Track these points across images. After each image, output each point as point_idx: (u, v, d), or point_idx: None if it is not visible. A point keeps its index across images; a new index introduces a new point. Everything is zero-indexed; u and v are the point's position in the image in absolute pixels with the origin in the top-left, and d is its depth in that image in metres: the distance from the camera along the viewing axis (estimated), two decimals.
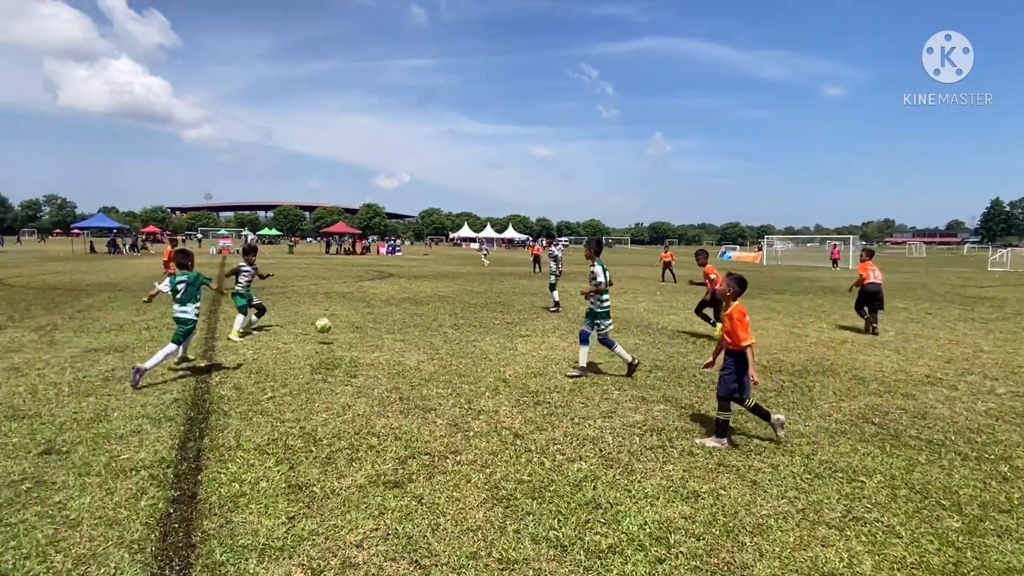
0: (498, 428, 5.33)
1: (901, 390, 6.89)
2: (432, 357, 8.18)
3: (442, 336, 9.88)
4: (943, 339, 10.42)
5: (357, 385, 6.64)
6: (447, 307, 13.77)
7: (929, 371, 7.87)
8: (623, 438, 5.15)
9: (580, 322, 11.72)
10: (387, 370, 7.37)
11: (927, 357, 8.79)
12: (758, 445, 5.02)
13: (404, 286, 19.03)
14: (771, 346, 9.56)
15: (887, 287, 22.05)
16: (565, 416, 5.70)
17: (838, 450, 4.96)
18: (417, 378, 7.00)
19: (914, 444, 5.12)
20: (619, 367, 7.79)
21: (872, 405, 6.26)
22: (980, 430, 5.50)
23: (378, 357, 8.09)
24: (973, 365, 8.28)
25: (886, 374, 7.68)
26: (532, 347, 9.08)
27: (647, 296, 17.67)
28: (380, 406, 5.89)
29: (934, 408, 6.18)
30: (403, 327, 10.69)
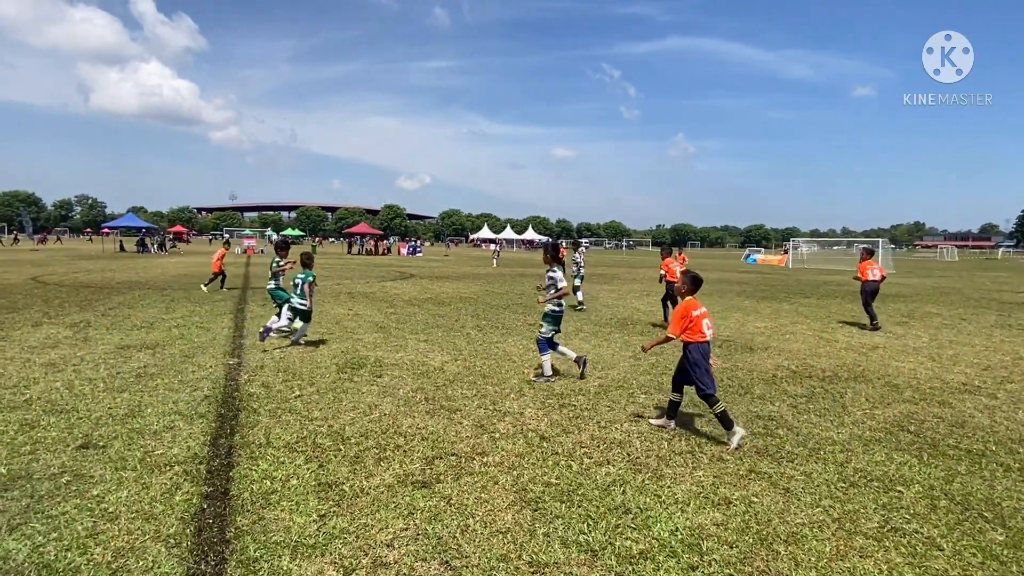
0: (524, 430, 5.32)
1: (937, 398, 6.72)
2: (456, 358, 8.20)
3: (465, 337, 9.90)
4: (979, 346, 10.14)
5: (383, 385, 6.69)
6: (469, 308, 13.80)
7: (966, 379, 7.67)
8: (651, 442, 5.11)
9: (605, 325, 11.65)
10: (412, 370, 7.42)
11: (963, 364, 8.56)
12: (790, 452, 4.93)
13: (426, 287, 19.14)
14: (800, 351, 9.40)
15: (919, 291, 21.61)
16: (591, 419, 5.67)
17: (873, 458, 4.85)
18: (441, 379, 7.03)
19: (953, 454, 4.99)
20: (644, 370, 7.73)
21: (907, 413, 6.12)
22: (1021, 439, 5.34)
23: (403, 357, 8.14)
24: (1012, 373, 8.05)
25: (921, 381, 7.50)
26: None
27: None
28: (406, 406, 5.92)
29: (973, 417, 6.02)
30: (426, 327, 10.73)
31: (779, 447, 5.07)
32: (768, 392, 6.85)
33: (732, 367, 8.14)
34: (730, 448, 4.96)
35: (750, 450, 4.98)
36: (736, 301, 17.25)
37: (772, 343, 10.07)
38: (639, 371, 7.75)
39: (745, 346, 9.75)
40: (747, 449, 5.00)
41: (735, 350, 9.40)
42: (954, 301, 18.27)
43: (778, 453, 4.94)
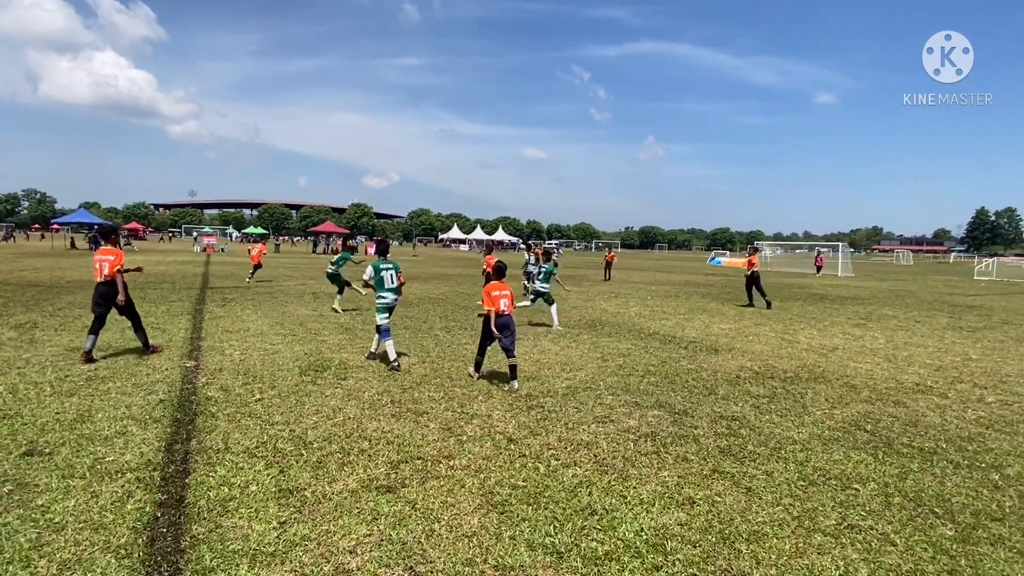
0: (491, 432, 5.32)
1: (892, 398, 6.98)
2: (423, 360, 8.17)
3: (433, 338, 9.85)
4: (932, 347, 10.58)
5: (347, 388, 6.60)
6: (437, 309, 13.75)
7: (919, 379, 7.99)
8: (617, 443, 5.17)
9: (574, 326, 11.73)
10: (378, 372, 7.34)
11: (917, 365, 8.92)
12: (752, 452, 5.05)
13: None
14: (763, 352, 9.65)
15: (876, 294, 22.42)
16: (559, 421, 5.70)
17: (832, 457, 5.01)
18: (408, 381, 6.98)
19: (906, 452, 5.19)
20: (612, 371, 7.82)
21: (864, 412, 6.34)
22: (971, 438, 5.59)
23: (368, 360, 8.04)
24: (962, 373, 8.42)
25: (877, 382, 7.79)
26: (524, 351, 9.09)
27: (638, 301, 17.75)
28: (371, 409, 5.85)
29: (925, 416, 6.27)
30: (393, 329, 10.64)
31: (742, 447, 5.19)
32: (732, 393, 7.01)
33: (697, 368, 8.30)
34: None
35: (714, 450, 5.08)
36: (702, 303, 17.60)
37: (736, 344, 10.31)
38: (607, 372, 7.83)
39: (710, 347, 9.96)
40: (711, 449, 5.10)
41: (700, 351, 9.59)
42: (909, 304, 19.02)
43: (741, 453, 5.05)
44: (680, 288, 23.76)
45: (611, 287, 22.90)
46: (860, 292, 24.05)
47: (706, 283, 27.35)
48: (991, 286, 30.97)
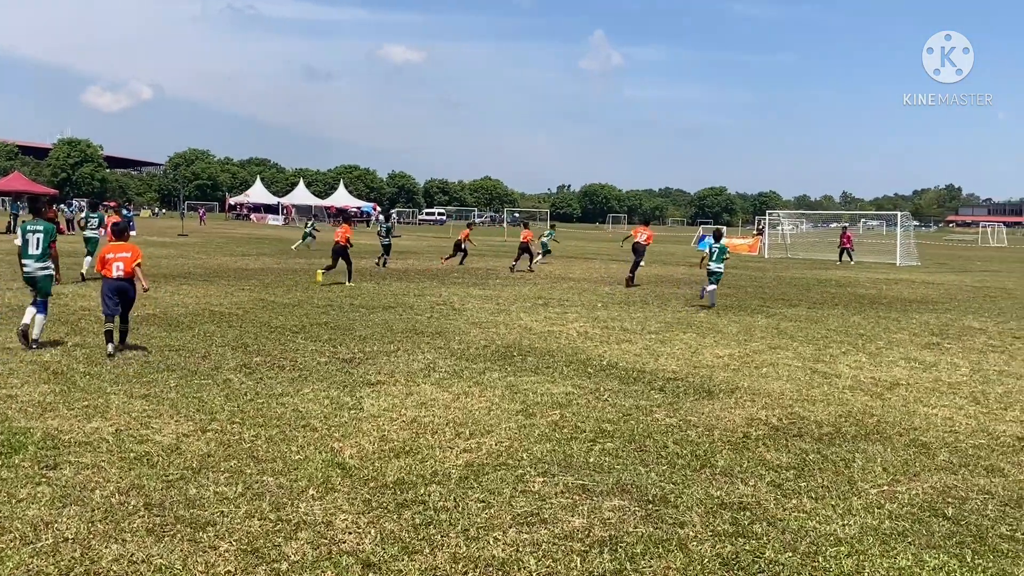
0: (332, 554, 5.22)
1: (984, 461, 7.57)
2: (204, 426, 7.94)
3: (222, 386, 9.62)
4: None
5: (63, 483, 6.30)
6: (229, 332, 13.44)
7: (1022, 429, 8.74)
8: (555, 560, 5.22)
9: (476, 357, 11.80)
10: (119, 453, 7.07)
11: (1018, 408, 9.75)
12: (772, 562, 5.29)
13: (145, 295, 18.16)
14: (784, 394, 10.15)
15: (954, 294, 24.34)
16: (452, 526, 5.69)
17: (895, 563, 5.34)
18: (178, 467, 6.77)
19: (1007, 549, 5.63)
20: (543, 434, 7.92)
21: (942, 487, 6.81)
22: None
23: (100, 428, 7.75)
24: None
25: (960, 436, 8.41)
26: (390, 403, 9.03)
27: (581, 309, 18.17)
28: (109, 521, 5.60)
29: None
30: (146, 370, 10.31)
31: (756, 553, 5.41)
32: (737, 463, 7.29)
33: (681, 424, 8.58)
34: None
35: (712, 562, 5.27)
36: (685, 314, 18.28)
37: (741, 382, 10.77)
38: (533, 436, 7.92)
39: (700, 388, 10.33)
40: (707, 561, 5.29)
41: (685, 395, 9.91)
42: (1004, 310, 20.76)
43: (755, 564, 5.27)
44: (649, 289, 24.56)
45: (537, 288, 23.26)
46: (930, 292, 26.01)
47: (691, 279, 28.48)
48: None
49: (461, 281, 24.78)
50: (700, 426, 8.53)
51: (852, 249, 43.52)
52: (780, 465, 7.30)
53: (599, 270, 32.22)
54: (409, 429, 8.09)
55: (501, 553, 5.31)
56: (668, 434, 8.18)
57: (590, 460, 7.27)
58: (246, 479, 6.51)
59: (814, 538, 5.71)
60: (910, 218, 59.02)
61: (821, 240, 59.46)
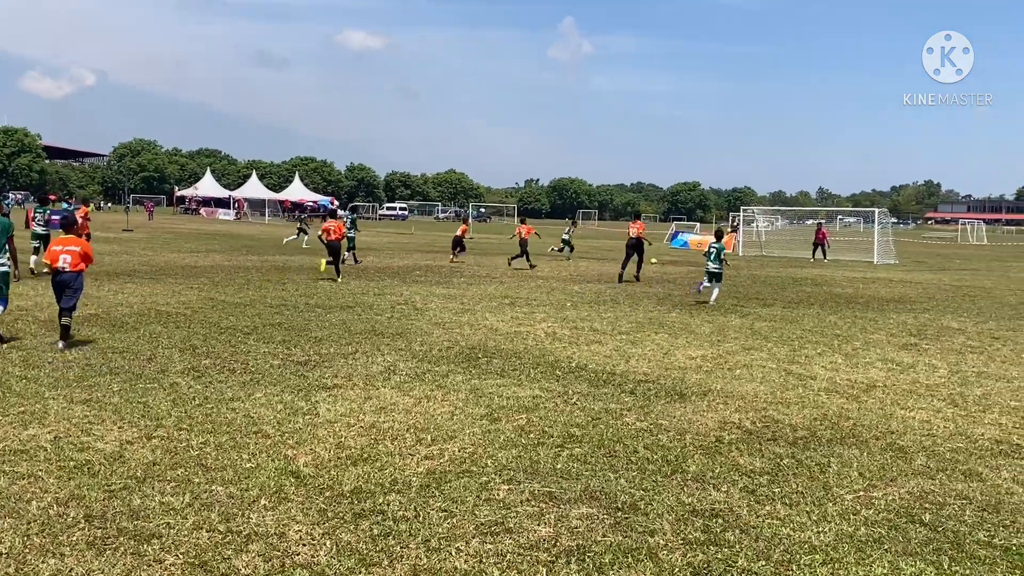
0: (286, 567, 5.18)
1: (961, 466, 7.69)
2: (149, 433, 7.87)
3: (168, 390, 9.54)
4: (1019, 379, 11.85)
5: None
6: (177, 334, 13.34)
7: (1001, 433, 8.88)
8: (520, 572, 5.22)
9: (439, 359, 11.79)
10: (57, 461, 7.00)
11: (997, 410, 9.92)
12: (745, 570, 5.34)
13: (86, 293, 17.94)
14: (758, 396, 10.25)
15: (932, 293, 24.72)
16: (413, 537, 5.67)
17: (872, 571, 5.41)
18: (121, 476, 6.70)
19: (985, 556, 5.71)
20: (509, 440, 7.93)
21: (919, 492, 6.91)
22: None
23: (37, 436, 7.67)
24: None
25: (938, 439, 8.54)
26: (348, 408, 9.01)
27: (550, 308, 18.23)
28: (47, 534, 5.53)
29: (1011, 493, 6.96)
30: (88, 374, 10.21)
31: (728, 562, 5.45)
32: (710, 468, 7.35)
33: (652, 428, 8.63)
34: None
35: (683, 571, 5.30)
36: (657, 313, 18.39)
37: (714, 384, 10.87)
38: (498, 442, 7.92)
39: (672, 390, 10.41)
40: (679, 569, 5.31)
41: (656, 398, 9.98)
42: (983, 310, 21.10)
43: (727, 574, 5.30)
44: (620, 286, 24.65)
45: (504, 286, 23.27)
46: (908, 291, 26.37)
47: (664, 277, 28.68)
48: None
49: (424, 280, 24.74)
50: (672, 430, 8.58)
51: (828, 246, 44.02)
52: (753, 470, 7.37)
53: (568, 268, 32.29)
54: (367, 435, 8.05)
55: (464, 565, 5.30)
56: (639, 439, 8.22)
57: (557, 466, 7.29)
58: (194, 488, 6.44)
59: (788, 546, 5.76)
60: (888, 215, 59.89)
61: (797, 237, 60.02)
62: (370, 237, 55.59)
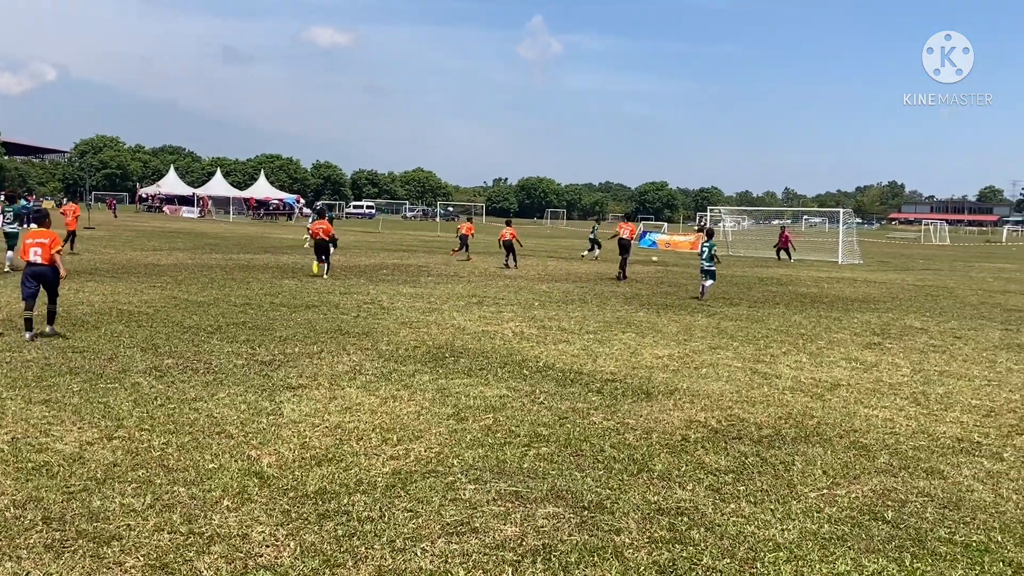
0: (248, 568, 5.16)
1: (923, 463, 7.80)
2: (110, 434, 7.79)
3: (130, 390, 9.46)
4: (979, 378, 12.04)
5: None
6: (139, 333, 13.23)
7: (962, 431, 9.03)
8: (485, 572, 5.22)
9: (405, 359, 11.76)
10: (15, 463, 6.93)
11: (958, 408, 10.07)
12: (710, 568, 5.37)
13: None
14: (724, 395, 10.33)
15: (896, 293, 25.04)
16: (378, 537, 5.66)
17: (835, 569, 5.47)
18: (80, 477, 6.63)
19: (946, 552, 5.80)
20: (476, 439, 7.93)
21: (882, 490, 7.01)
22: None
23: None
24: (1023, 419, 9.64)
25: (900, 438, 8.66)
26: (312, 408, 8.97)
27: (517, 308, 18.26)
28: (3, 537, 5.47)
29: (972, 491, 7.08)
30: (47, 373, 10.10)
31: (693, 560, 5.48)
32: (676, 467, 7.40)
33: (619, 427, 8.67)
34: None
35: (648, 570, 5.32)
36: (624, 312, 18.46)
37: (680, 383, 10.94)
38: (465, 442, 7.93)
39: (639, 389, 10.46)
40: (644, 568, 5.34)
41: (623, 397, 10.03)
42: (945, 309, 21.41)
43: (692, 572, 5.34)
44: (588, 286, 24.73)
45: (471, 286, 23.26)
46: (871, 290, 26.68)
47: (631, 277, 28.75)
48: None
49: (391, 279, 24.67)
50: (638, 429, 8.63)
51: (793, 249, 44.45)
52: (719, 468, 7.42)
53: (536, 267, 32.33)
54: (332, 435, 8.02)
55: (429, 565, 5.29)
56: (605, 438, 8.25)
57: (524, 466, 7.30)
58: (155, 489, 6.38)
59: (752, 543, 5.80)
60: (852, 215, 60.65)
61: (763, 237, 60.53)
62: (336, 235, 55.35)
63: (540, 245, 53.30)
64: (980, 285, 30.42)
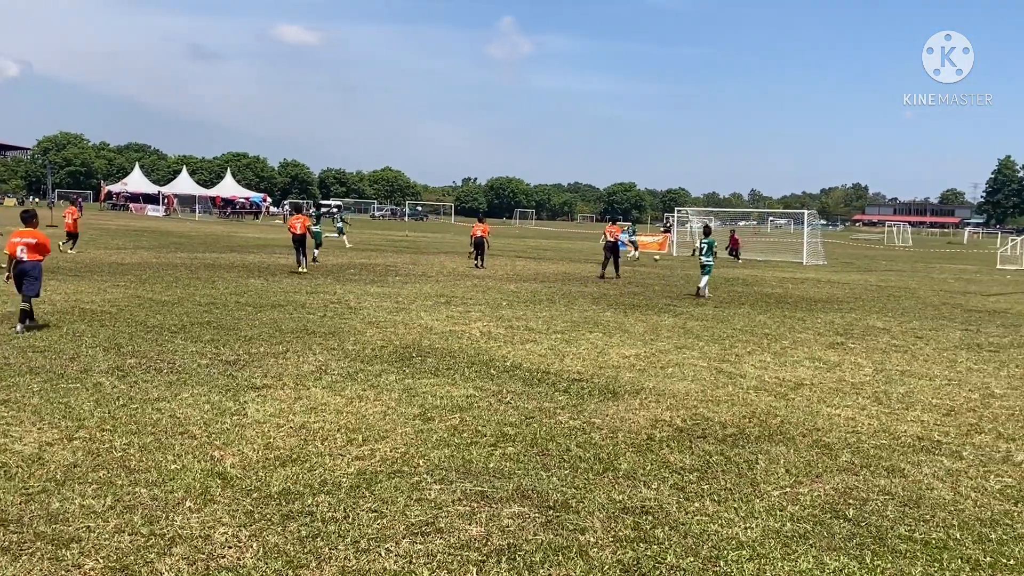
0: (210, 570, 5.12)
1: (885, 462, 7.89)
2: (70, 434, 7.72)
3: (91, 390, 9.37)
4: (940, 377, 12.19)
5: None
6: (101, 332, 13.11)
7: (923, 429, 9.14)
8: (450, 572, 5.22)
9: (372, 359, 11.72)
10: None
11: (919, 408, 10.20)
12: (673, 566, 5.40)
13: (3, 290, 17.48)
14: (689, 395, 10.39)
15: (859, 293, 25.33)
16: (342, 538, 5.64)
17: (797, 567, 5.51)
18: (39, 478, 6.57)
19: (906, 549, 5.88)
20: (441, 439, 7.93)
21: (844, 488, 7.08)
22: (994, 521, 6.49)
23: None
24: (982, 418, 9.79)
25: (862, 436, 8.76)
26: (277, 408, 8.93)
27: (485, 308, 18.26)
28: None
29: (931, 489, 7.18)
30: (6, 373, 10.02)
31: (657, 559, 5.52)
32: (641, 466, 7.44)
33: (585, 426, 8.69)
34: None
35: (612, 568, 5.34)
36: (592, 312, 18.52)
37: (647, 382, 10.99)
38: (431, 442, 7.92)
39: (605, 388, 10.50)
40: (608, 567, 5.36)
41: (590, 396, 10.06)
42: (907, 309, 21.68)
43: (656, 571, 5.37)
44: (556, 286, 24.78)
45: (439, 285, 23.24)
46: (835, 291, 26.95)
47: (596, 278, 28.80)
48: (1020, 279, 36.41)
49: (358, 278, 24.59)
50: (604, 428, 8.66)
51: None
52: (684, 467, 7.47)
53: (505, 267, 32.34)
54: (297, 436, 7.99)
55: (393, 565, 5.28)
56: (571, 437, 8.28)
57: (490, 465, 7.31)
58: (116, 490, 6.33)
59: (716, 542, 5.85)
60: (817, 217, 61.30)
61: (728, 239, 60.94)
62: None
63: (509, 245, 53.29)
64: (941, 286, 30.83)
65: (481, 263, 31.00)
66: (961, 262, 52.36)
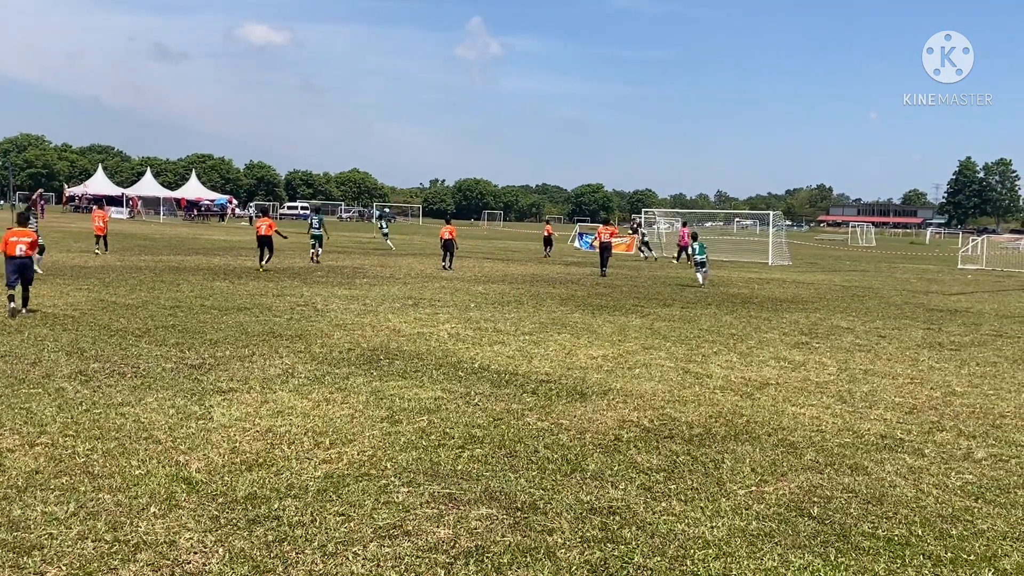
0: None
1: (848, 460, 8.00)
2: (32, 440, 7.65)
3: (54, 395, 9.30)
4: (903, 376, 12.36)
5: None
6: (64, 336, 12.99)
7: (886, 428, 9.27)
8: (417, 574, 5.22)
9: (340, 362, 11.68)
10: None
11: (882, 406, 10.34)
12: (640, 566, 5.44)
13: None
14: (656, 395, 10.46)
15: (824, 293, 25.62)
16: (309, 542, 5.63)
17: (762, 565, 5.57)
18: (0, 484, 6.50)
19: (869, 547, 5.96)
20: (409, 442, 7.92)
21: (808, 486, 7.18)
22: (955, 517, 6.61)
23: None
24: (943, 416, 9.95)
25: (827, 435, 8.86)
26: (243, 412, 8.89)
27: (453, 309, 18.25)
28: None
29: (894, 486, 7.29)
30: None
31: (625, 558, 5.56)
32: (608, 466, 7.49)
33: (553, 427, 8.74)
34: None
35: (580, 569, 5.37)
36: (560, 313, 18.58)
37: (614, 383, 11.05)
38: (398, 444, 7.92)
39: (572, 390, 10.54)
40: (575, 567, 5.39)
41: (558, 397, 10.10)
42: (870, 309, 21.95)
43: (623, 571, 5.40)
44: (524, 287, 24.83)
45: (407, 287, 23.19)
46: (800, 291, 27.23)
47: (567, 278, 28.96)
48: (980, 278, 37.02)
49: (325, 280, 24.47)
50: (572, 429, 8.69)
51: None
52: (651, 467, 7.52)
53: (473, 269, 32.34)
54: (263, 440, 7.96)
55: (360, 569, 5.28)
56: (539, 438, 8.31)
57: (458, 468, 7.32)
58: (79, 497, 6.28)
59: (683, 541, 5.90)
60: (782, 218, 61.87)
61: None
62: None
63: (477, 247, 53.25)
64: (904, 286, 31.26)
65: (449, 265, 31.03)
66: (923, 262, 53.10)
